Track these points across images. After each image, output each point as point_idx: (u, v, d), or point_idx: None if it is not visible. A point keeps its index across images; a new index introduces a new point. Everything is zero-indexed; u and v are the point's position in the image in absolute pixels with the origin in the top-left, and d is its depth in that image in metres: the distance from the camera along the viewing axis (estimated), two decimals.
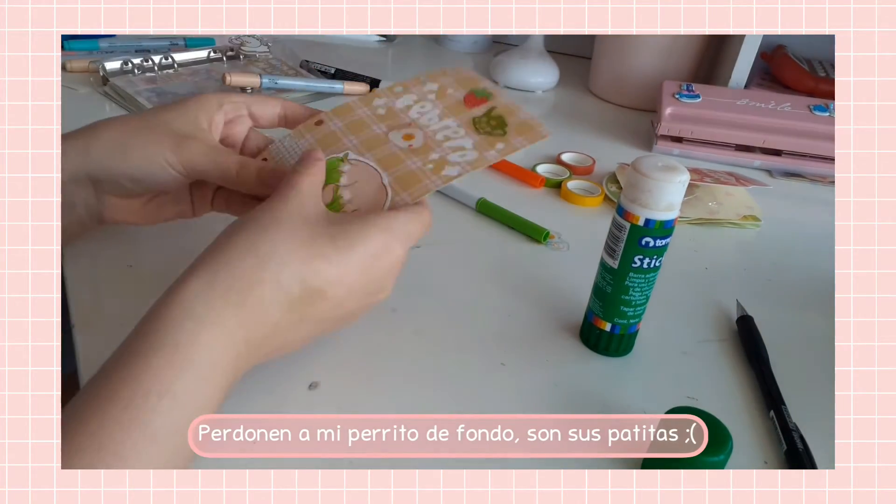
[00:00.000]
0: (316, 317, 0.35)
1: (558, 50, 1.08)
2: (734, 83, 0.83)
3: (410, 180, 0.40)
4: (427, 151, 0.41)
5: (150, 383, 0.28)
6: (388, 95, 0.45)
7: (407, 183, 0.40)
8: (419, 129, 0.43)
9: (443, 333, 0.44)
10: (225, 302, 0.31)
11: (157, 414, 0.28)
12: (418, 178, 0.40)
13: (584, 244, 0.56)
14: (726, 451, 0.32)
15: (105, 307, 0.42)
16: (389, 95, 0.45)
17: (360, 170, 0.41)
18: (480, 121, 0.43)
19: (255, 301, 0.32)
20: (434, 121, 0.43)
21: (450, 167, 0.40)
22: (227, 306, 0.31)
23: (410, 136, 0.42)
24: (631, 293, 0.40)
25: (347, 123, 0.44)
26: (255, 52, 0.88)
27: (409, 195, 0.39)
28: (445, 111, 0.44)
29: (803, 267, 0.56)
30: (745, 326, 0.46)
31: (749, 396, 0.41)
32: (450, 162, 0.41)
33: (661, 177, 0.36)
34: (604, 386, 0.41)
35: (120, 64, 0.77)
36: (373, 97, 0.45)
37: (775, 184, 0.71)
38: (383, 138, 0.42)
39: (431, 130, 0.43)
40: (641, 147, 0.78)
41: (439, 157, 0.41)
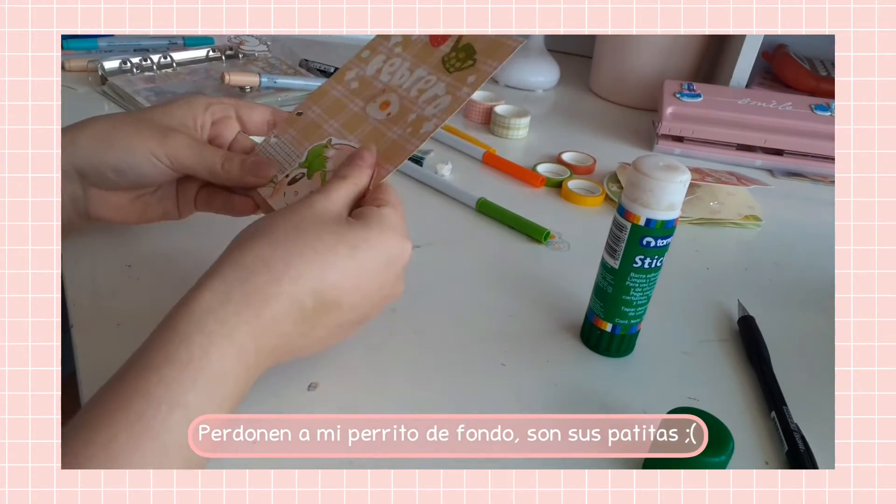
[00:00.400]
0: (330, 324, 0.35)
1: (559, 49, 1.08)
2: (735, 82, 0.83)
3: (394, 151, 0.40)
4: (405, 115, 0.41)
5: (162, 395, 0.28)
6: (357, 65, 0.45)
7: (391, 155, 0.40)
8: (393, 92, 0.42)
9: (443, 333, 0.44)
10: (238, 319, 0.31)
11: (168, 425, 0.28)
12: (400, 145, 0.40)
13: (585, 244, 0.56)
14: (727, 451, 0.32)
15: (104, 307, 0.42)
16: (359, 64, 0.45)
17: (345, 153, 0.41)
18: (449, 58, 0.42)
19: (269, 316, 0.32)
20: (405, 77, 0.43)
21: (427, 123, 0.40)
22: (239, 323, 0.31)
23: (386, 104, 0.42)
24: (632, 293, 0.40)
25: (325, 108, 0.44)
26: (254, 52, 0.88)
27: (391, 164, 0.39)
28: (414, 60, 0.43)
29: (805, 267, 0.56)
30: (747, 327, 0.46)
31: (750, 397, 0.41)
32: (426, 117, 0.40)
33: (662, 176, 0.36)
34: (604, 386, 0.41)
35: (119, 63, 0.77)
36: (344, 72, 0.45)
37: (777, 183, 0.71)
38: (361, 115, 0.42)
39: (405, 89, 0.42)
40: (642, 146, 0.78)
41: (416, 116, 0.40)
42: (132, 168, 0.41)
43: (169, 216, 0.46)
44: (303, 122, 0.44)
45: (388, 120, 0.41)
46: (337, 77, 0.45)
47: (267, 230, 0.34)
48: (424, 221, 0.57)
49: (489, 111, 0.78)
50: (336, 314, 0.35)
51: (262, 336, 0.32)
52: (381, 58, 0.44)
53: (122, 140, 0.41)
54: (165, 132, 0.41)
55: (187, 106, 0.43)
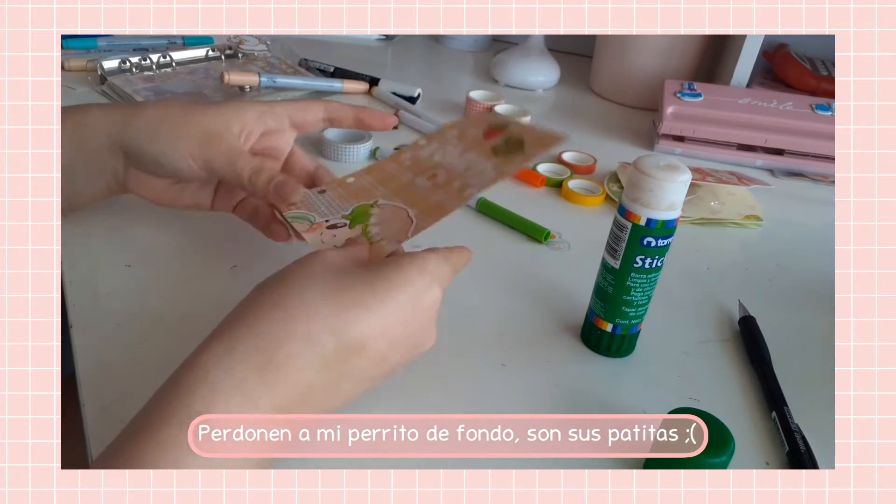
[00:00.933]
0: (356, 375, 0.32)
1: (559, 48, 1.08)
2: (736, 82, 0.83)
3: (436, 208, 0.41)
4: (450, 182, 0.43)
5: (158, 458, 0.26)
6: (413, 150, 0.47)
7: (433, 210, 0.41)
8: (442, 167, 0.44)
9: (443, 333, 0.44)
10: (246, 365, 0.29)
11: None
12: (442, 204, 0.41)
13: (586, 244, 0.56)
14: (728, 452, 0.32)
15: (104, 307, 0.42)
16: (415, 150, 0.47)
17: (389, 210, 0.43)
18: (499, 148, 0.44)
19: (283, 360, 0.29)
20: (456, 157, 0.45)
21: (470, 188, 0.42)
22: (249, 370, 0.29)
23: (434, 177, 0.44)
24: (632, 293, 0.40)
25: (377, 178, 0.46)
26: (253, 51, 0.88)
27: (432, 218, 0.40)
28: (465, 148, 0.45)
29: (806, 267, 0.56)
30: (747, 327, 0.46)
31: (751, 397, 0.41)
32: (470, 184, 0.42)
33: (662, 176, 0.36)
34: (604, 387, 0.41)
35: (118, 63, 0.77)
36: (400, 154, 0.47)
37: (777, 183, 0.71)
38: (411, 184, 0.44)
39: (454, 166, 0.44)
40: (643, 146, 0.78)
41: (460, 184, 0.42)
42: (170, 164, 0.42)
43: (200, 207, 0.47)
44: (353, 187, 0.45)
45: (435, 186, 0.43)
46: (393, 158, 0.47)
47: (279, 277, 0.33)
48: None
49: (489, 111, 0.78)
50: (362, 361, 0.31)
51: (276, 387, 0.29)
52: (436, 145, 0.47)
53: (166, 135, 0.42)
54: (207, 138, 0.42)
55: (237, 112, 0.43)
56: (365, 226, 0.42)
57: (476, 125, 0.47)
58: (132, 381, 0.37)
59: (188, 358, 0.30)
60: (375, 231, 0.41)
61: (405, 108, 0.79)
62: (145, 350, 0.39)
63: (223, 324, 0.31)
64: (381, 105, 0.81)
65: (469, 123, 0.48)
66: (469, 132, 0.46)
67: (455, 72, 0.97)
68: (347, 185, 0.46)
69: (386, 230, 0.41)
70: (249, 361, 0.29)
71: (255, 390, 0.29)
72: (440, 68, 0.98)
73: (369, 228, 0.41)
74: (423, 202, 0.42)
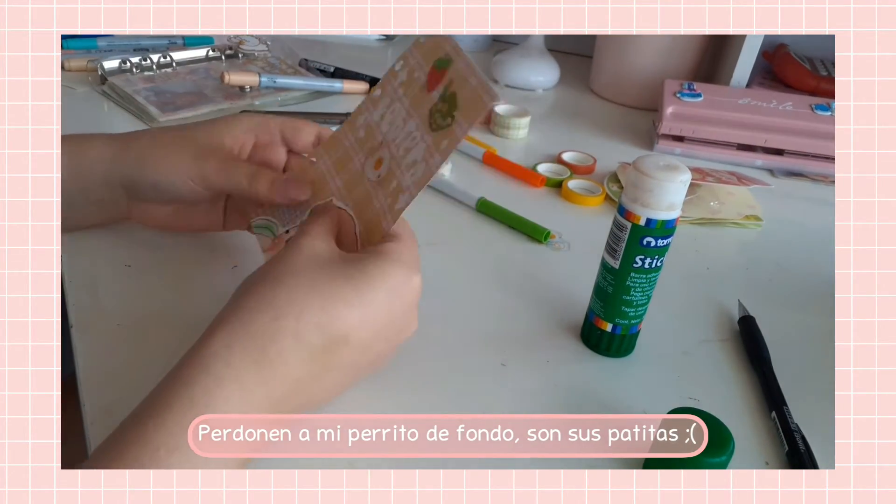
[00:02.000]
0: (342, 365, 0.34)
1: (559, 48, 1.08)
2: (736, 82, 0.83)
3: (374, 226, 0.39)
4: (389, 180, 0.40)
5: (161, 440, 0.28)
6: (368, 109, 0.44)
7: (372, 229, 0.39)
8: (387, 147, 0.41)
9: (443, 333, 0.44)
10: (243, 358, 0.30)
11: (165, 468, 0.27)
12: (378, 220, 0.39)
13: (585, 244, 0.56)
14: (728, 452, 0.32)
15: (104, 307, 0.42)
16: (370, 106, 0.44)
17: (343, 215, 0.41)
18: (435, 111, 0.39)
19: (275, 355, 0.31)
20: (400, 129, 0.41)
21: (402, 195, 0.39)
22: (246, 363, 0.30)
23: (380, 162, 0.41)
24: (632, 293, 0.40)
25: (335, 161, 0.43)
26: (253, 51, 0.88)
27: (369, 243, 0.39)
28: (410, 108, 0.41)
29: (805, 267, 0.56)
30: (747, 327, 0.46)
31: (751, 397, 0.41)
32: (402, 188, 0.39)
33: (662, 176, 0.36)
34: (604, 386, 0.41)
35: (118, 63, 0.77)
36: (357, 115, 0.44)
37: (777, 183, 0.71)
38: (360, 173, 0.42)
39: (396, 145, 0.41)
40: (643, 146, 0.78)
41: (396, 184, 0.39)
42: (168, 187, 0.42)
43: (213, 228, 0.47)
44: (315, 173, 0.44)
45: (378, 182, 0.40)
46: (350, 122, 0.44)
47: (267, 273, 0.34)
48: (424, 221, 0.57)
49: (489, 111, 0.78)
50: (346, 352, 0.33)
51: (271, 380, 0.31)
52: (387, 101, 0.43)
53: (160, 159, 0.42)
54: (199, 153, 0.42)
55: (229, 125, 0.44)
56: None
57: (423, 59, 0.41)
58: (132, 381, 0.37)
59: (184, 357, 0.31)
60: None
61: None
62: (145, 350, 0.39)
63: (218, 322, 0.32)
64: None
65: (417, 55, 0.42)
66: (416, 73, 0.41)
67: None
68: (310, 171, 0.44)
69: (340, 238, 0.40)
70: (246, 355, 0.31)
71: (251, 383, 0.30)
72: None
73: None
74: (366, 209, 0.40)
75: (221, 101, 0.74)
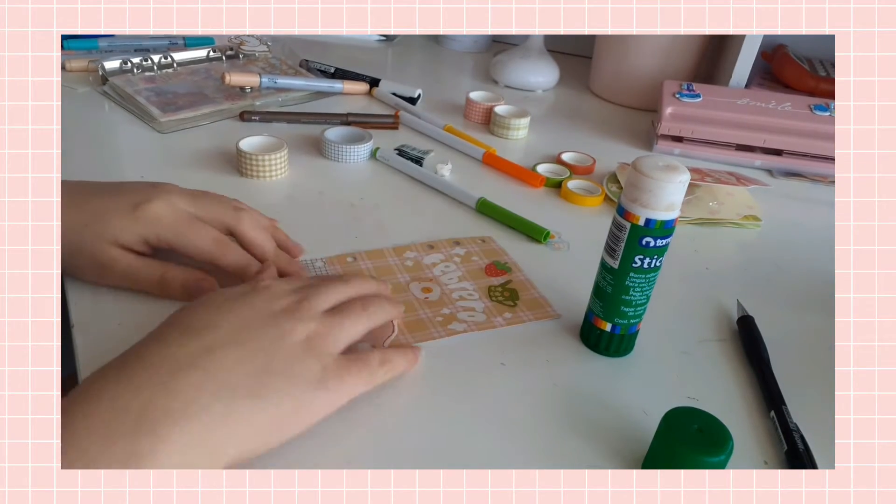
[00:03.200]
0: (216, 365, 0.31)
1: (559, 49, 1.08)
2: (735, 82, 0.83)
3: (418, 326, 0.44)
4: (440, 306, 0.46)
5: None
6: (418, 250, 0.51)
7: (414, 327, 0.43)
8: (438, 285, 0.47)
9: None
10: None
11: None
12: (425, 325, 0.44)
13: (585, 244, 0.56)
14: (727, 451, 0.32)
15: (104, 307, 0.42)
16: (420, 250, 0.50)
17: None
18: (495, 290, 0.48)
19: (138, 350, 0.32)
20: (453, 281, 0.48)
21: (457, 323, 0.44)
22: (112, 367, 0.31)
23: (429, 290, 0.47)
24: (631, 293, 0.40)
25: (376, 266, 0.48)
26: (254, 52, 0.88)
27: (412, 337, 0.43)
28: (466, 274, 0.49)
29: (804, 267, 0.56)
30: (746, 326, 0.46)
31: (749, 396, 0.41)
32: (458, 319, 0.45)
33: (661, 176, 0.36)
34: (604, 386, 0.41)
35: (119, 63, 0.77)
36: (405, 249, 0.51)
37: (776, 183, 0.71)
38: (404, 287, 0.47)
39: (449, 289, 0.47)
40: (642, 147, 0.78)
41: (450, 312, 0.45)
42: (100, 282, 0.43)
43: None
44: (352, 267, 0.48)
45: (425, 302, 0.46)
46: (398, 249, 0.50)
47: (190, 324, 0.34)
48: (424, 221, 0.57)
49: (489, 111, 0.78)
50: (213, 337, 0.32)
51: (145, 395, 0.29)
52: (440, 256, 0.51)
53: (65, 259, 0.42)
54: (101, 265, 0.42)
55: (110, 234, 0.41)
56: None
57: (483, 254, 0.52)
58: None
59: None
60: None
61: (406, 108, 0.79)
62: None
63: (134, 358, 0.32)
64: (381, 106, 0.81)
65: (477, 248, 0.53)
66: (473, 257, 0.51)
67: (455, 73, 0.97)
68: (347, 264, 0.48)
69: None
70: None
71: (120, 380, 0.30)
72: (440, 69, 0.98)
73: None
74: (410, 314, 0.45)
75: (222, 102, 0.74)
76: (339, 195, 0.59)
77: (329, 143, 0.65)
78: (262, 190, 0.59)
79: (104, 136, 0.65)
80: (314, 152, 0.66)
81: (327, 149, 0.65)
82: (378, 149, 0.66)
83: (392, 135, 0.73)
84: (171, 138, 0.66)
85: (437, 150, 0.71)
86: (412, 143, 0.71)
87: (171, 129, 0.67)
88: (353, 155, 0.65)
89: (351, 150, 0.65)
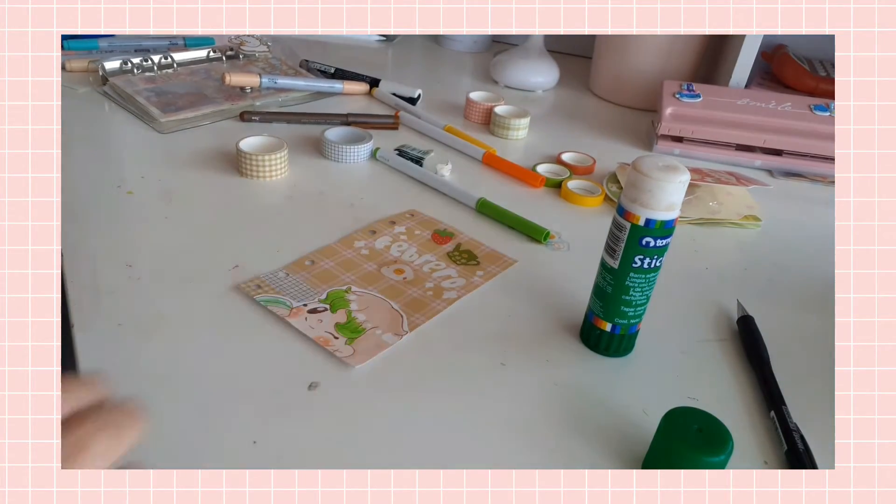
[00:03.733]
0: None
1: (559, 49, 1.08)
2: (735, 83, 0.83)
3: (419, 304, 0.45)
4: (421, 282, 0.47)
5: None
6: (364, 238, 0.52)
7: (417, 306, 0.45)
8: (405, 265, 0.49)
9: (443, 333, 0.44)
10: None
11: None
12: (424, 302, 0.45)
13: (585, 244, 0.56)
14: (727, 451, 0.32)
15: (104, 307, 0.42)
16: (365, 237, 0.52)
17: (368, 299, 0.45)
18: (454, 254, 0.51)
19: None
20: (415, 257, 0.50)
21: (447, 292, 0.47)
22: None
23: (401, 272, 0.48)
24: (631, 293, 0.40)
25: (338, 263, 0.49)
26: (254, 52, 0.88)
27: (422, 316, 0.44)
28: (421, 248, 0.51)
29: (804, 267, 0.56)
30: (746, 326, 0.46)
31: (749, 396, 0.41)
32: (445, 288, 0.47)
33: (661, 177, 0.36)
34: (604, 386, 0.41)
35: (119, 63, 0.77)
36: (351, 240, 0.52)
37: (776, 184, 0.71)
38: (377, 273, 0.48)
39: (416, 265, 0.49)
40: (642, 147, 0.78)
41: (434, 285, 0.47)
42: None
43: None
44: (316, 269, 0.48)
45: (405, 282, 0.47)
46: (345, 242, 0.51)
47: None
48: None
49: (489, 112, 0.78)
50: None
51: None
52: (387, 238, 0.52)
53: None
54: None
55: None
56: (348, 311, 0.44)
57: (421, 226, 0.54)
58: (132, 381, 0.37)
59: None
60: (362, 318, 0.43)
61: (406, 108, 0.79)
62: (145, 350, 0.39)
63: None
64: (381, 106, 0.81)
65: (414, 221, 0.54)
66: (416, 231, 0.53)
67: (455, 73, 0.97)
68: (308, 268, 0.48)
69: (374, 318, 0.44)
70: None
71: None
72: (440, 69, 0.98)
73: (354, 315, 0.44)
74: (402, 296, 0.46)
75: (222, 102, 0.74)
76: (339, 195, 0.59)
77: (329, 143, 0.65)
78: (262, 190, 0.59)
79: (104, 137, 0.65)
80: (314, 152, 0.66)
81: (327, 149, 0.65)
82: (378, 149, 0.66)
83: (392, 135, 0.73)
84: (171, 138, 0.66)
85: (437, 150, 0.71)
86: (412, 144, 0.71)
87: (172, 130, 0.67)
88: (353, 155, 0.65)
89: (351, 151, 0.65)
